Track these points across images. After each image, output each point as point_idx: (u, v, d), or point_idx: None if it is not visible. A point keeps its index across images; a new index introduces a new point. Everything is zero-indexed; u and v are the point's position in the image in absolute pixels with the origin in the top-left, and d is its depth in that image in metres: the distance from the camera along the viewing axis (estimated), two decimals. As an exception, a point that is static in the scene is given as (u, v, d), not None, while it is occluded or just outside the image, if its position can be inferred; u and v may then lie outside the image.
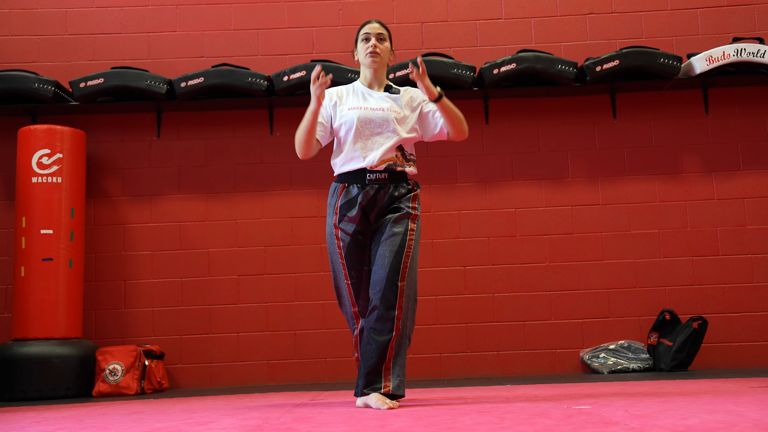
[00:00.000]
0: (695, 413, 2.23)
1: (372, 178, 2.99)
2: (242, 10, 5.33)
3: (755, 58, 4.85)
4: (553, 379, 4.31)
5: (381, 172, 2.99)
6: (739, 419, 2.03)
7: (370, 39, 3.10)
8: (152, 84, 4.89)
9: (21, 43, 5.26)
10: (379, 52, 3.07)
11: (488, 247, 5.07)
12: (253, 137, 5.21)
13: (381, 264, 2.90)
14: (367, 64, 3.11)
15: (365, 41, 3.11)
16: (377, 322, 2.85)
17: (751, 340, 4.93)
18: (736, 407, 2.37)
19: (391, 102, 3.10)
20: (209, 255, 5.08)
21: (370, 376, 2.84)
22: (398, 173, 3.03)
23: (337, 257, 3.04)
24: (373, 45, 3.07)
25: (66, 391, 4.45)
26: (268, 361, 4.97)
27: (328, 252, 3.08)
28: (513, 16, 5.30)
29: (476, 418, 2.37)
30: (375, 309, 2.87)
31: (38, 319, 4.54)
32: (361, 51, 3.12)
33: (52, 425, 2.71)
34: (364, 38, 3.11)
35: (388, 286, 2.86)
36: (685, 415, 2.19)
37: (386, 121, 3.03)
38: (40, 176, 4.68)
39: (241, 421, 2.53)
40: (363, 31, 3.12)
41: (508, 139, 5.18)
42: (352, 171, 3.02)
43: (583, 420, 2.15)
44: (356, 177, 3.02)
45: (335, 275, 3.09)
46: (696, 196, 5.10)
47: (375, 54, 3.07)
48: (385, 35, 3.11)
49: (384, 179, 3.00)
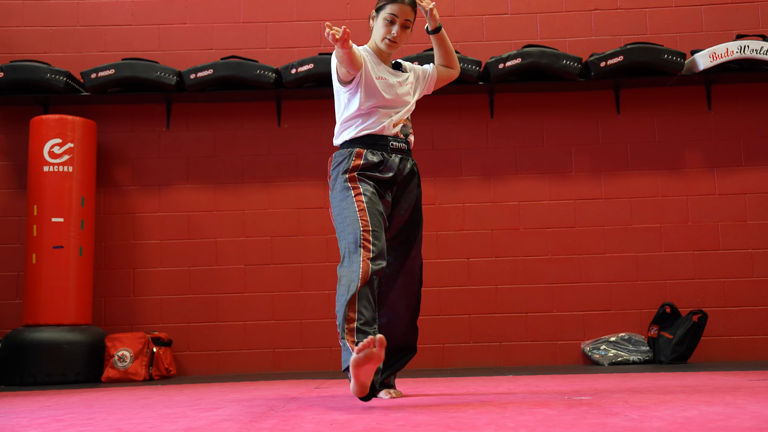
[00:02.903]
0: (694, 405, 2.23)
1: (395, 147, 2.82)
2: (251, 3, 5.32)
3: (758, 55, 4.83)
4: (555, 370, 4.31)
5: (402, 141, 2.84)
6: (738, 411, 2.03)
7: (394, 23, 2.81)
8: (162, 75, 4.90)
9: (34, 34, 5.27)
10: (397, 42, 2.83)
11: (492, 239, 5.07)
12: (261, 129, 5.21)
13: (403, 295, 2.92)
14: (382, 48, 2.85)
15: (389, 23, 2.81)
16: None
17: (750, 333, 4.93)
18: (734, 400, 2.37)
19: (403, 77, 2.94)
20: (217, 244, 5.09)
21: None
22: (409, 147, 2.90)
23: (351, 200, 2.70)
24: (396, 34, 2.80)
25: (75, 376, 4.48)
26: (274, 349, 4.99)
27: (336, 208, 2.75)
28: (519, 12, 5.28)
29: (479, 407, 2.37)
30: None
31: (49, 305, 4.56)
32: (380, 30, 2.83)
33: (62, 410, 2.72)
34: (390, 20, 2.81)
35: (410, 323, 2.96)
36: (684, 407, 2.20)
37: (406, 96, 2.90)
38: (51, 165, 4.69)
39: (247, 408, 2.54)
40: (390, 9, 2.80)
41: (512, 133, 5.18)
42: (371, 134, 2.80)
43: (583, 411, 2.16)
44: (375, 142, 2.80)
45: (342, 212, 2.71)
46: (698, 191, 5.09)
47: (393, 43, 2.82)
48: (411, 22, 2.84)
49: (404, 150, 2.85)
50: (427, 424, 1.97)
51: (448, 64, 3.08)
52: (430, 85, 3.06)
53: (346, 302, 2.54)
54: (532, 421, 1.95)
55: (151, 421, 2.23)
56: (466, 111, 5.16)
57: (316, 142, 5.15)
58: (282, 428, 1.97)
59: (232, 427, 2.00)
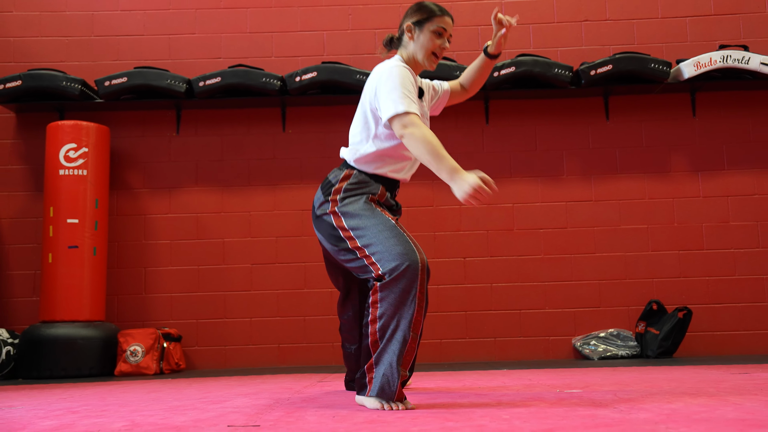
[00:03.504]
0: (679, 397, 2.23)
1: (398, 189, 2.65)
2: (257, 14, 5.33)
3: (740, 64, 4.83)
4: (547, 365, 4.32)
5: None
6: (721, 403, 2.04)
7: (443, 37, 2.55)
8: (172, 83, 4.90)
9: (50, 43, 5.27)
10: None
11: (487, 240, 5.07)
12: (267, 134, 5.21)
13: None
14: (424, 63, 2.55)
15: (438, 36, 2.53)
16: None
17: (732, 329, 4.93)
18: (717, 392, 2.37)
19: (425, 98, 2.69)
20: (224, 245, 5.09)
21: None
22: None
23: (379, 215, 2.39)
24: (445, 48, 2.56)
25: (90, 370, 4.48)
26: (279, 344, 4.99)
27: (362, 218, 2.39)
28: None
29: (475, 399, 2.37)
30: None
31: (64, 302, 4.56)
32: (426, 43, 2.51)
33: (77, 402, 2.72)
34: (439, 32, 2.53)
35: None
36: (669, 399, 2.20)
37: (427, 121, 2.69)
38: (67, 169, 4.69)
39: (254, 401, 2.54)
40: (440, 22, 2.53)
41: (507, 138, 5.18)
42: (397, 180, 2.59)
43: (574, 403, 2.16)
44: (395, 188, 2.61)
45: (377, 223, 2.36)
46: (683, 193, 5.09)
47: (438, 59, 2.58)
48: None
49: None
50: (425, 416, 1.97)
51: (473, 88, 2.88)
52: (439, 106, 2.85)
53: (408, 328, 2.22)
54: (525, 413, 1.95)
55: (161, 413, 2.23)
56: (462, 117, 5.17)
57: (319, 147, 5.15)
58: (287, 420, 1.97)
59: (239, 419, 2.00)
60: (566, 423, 1.72)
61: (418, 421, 1.85)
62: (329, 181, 2.52)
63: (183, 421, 2.00)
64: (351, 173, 2.50)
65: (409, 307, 2.23)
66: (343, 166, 2.57)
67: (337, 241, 2.42)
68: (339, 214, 2.43)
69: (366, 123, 2.52)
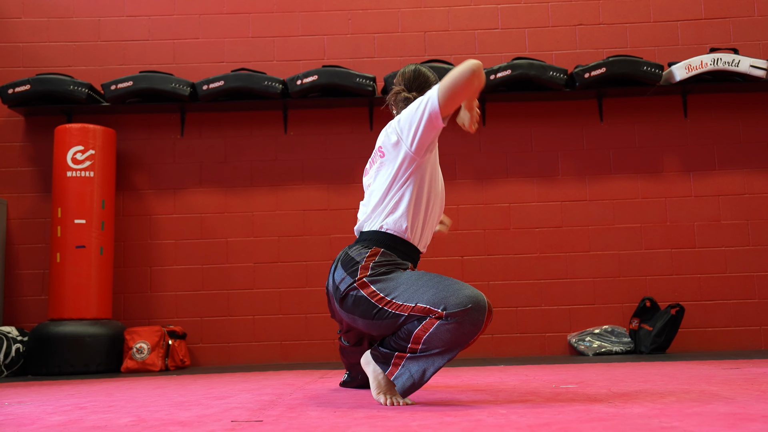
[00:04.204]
0: (672, 392, 2.23)
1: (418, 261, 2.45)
2: (260, 19, 5.33)
3: (730, 67, 4.83)
4: (543, 361, 4.32)
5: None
6: (713, 398, 2.04)
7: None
8: (177, 87, 4.90)
9: (58, 48, 5.27)
10: None
11: (484, 239, 5.07)
12: (269, 136, 5.21)
13: None
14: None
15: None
16: None
17: (724, 325, 4.93)
18: (709, 387, 2.37)
19: None
20: (228, 244, 5.09)
21: None
22: None
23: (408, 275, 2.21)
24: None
25: (97, 367, 4.47)
26: (281, 341, 4.98)
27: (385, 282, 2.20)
28: (509, 27, 5.29)
29: (472, 395, 2.37)
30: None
31: (72, 301, 4.55)
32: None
33: (85, 398, 2.72)
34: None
35: None
36: (662, 393, 2.20)
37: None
38: (74, 171, 4.69)
39: (257, 396, 2.54)
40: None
41: (503, 139, 5.18)
42: (410, 246, 2.36)
43: (569, 398, 2.16)
44: (409, 254, 2.37)
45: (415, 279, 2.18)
46: (675, 193, 5.09)
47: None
48: None
49: None
50: (424, 411, 1.97)
51: None
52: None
53: (454, 355, 2.10)
54: (522, 407, 1.95)
55: (167, 408, 2.23)
56: (460, 119, 5.16)
57: (320, 148, 5.15)
58: (289, 415, 1.97)
59: (242, 415, 2.00)
60: (562, 417, 1.72)
61: (417, 416, 1.85)
62: (352, 258, 2.28)
63: (188, 416, 1.99)
64: (378, 251, 2.28)
65: (464, 345, 2.08)
66: (365, 242, 2.34)
67: (372, 311, 2.18)
68: (368, 283, 2.20)
69: (390, 171, 2.33)
